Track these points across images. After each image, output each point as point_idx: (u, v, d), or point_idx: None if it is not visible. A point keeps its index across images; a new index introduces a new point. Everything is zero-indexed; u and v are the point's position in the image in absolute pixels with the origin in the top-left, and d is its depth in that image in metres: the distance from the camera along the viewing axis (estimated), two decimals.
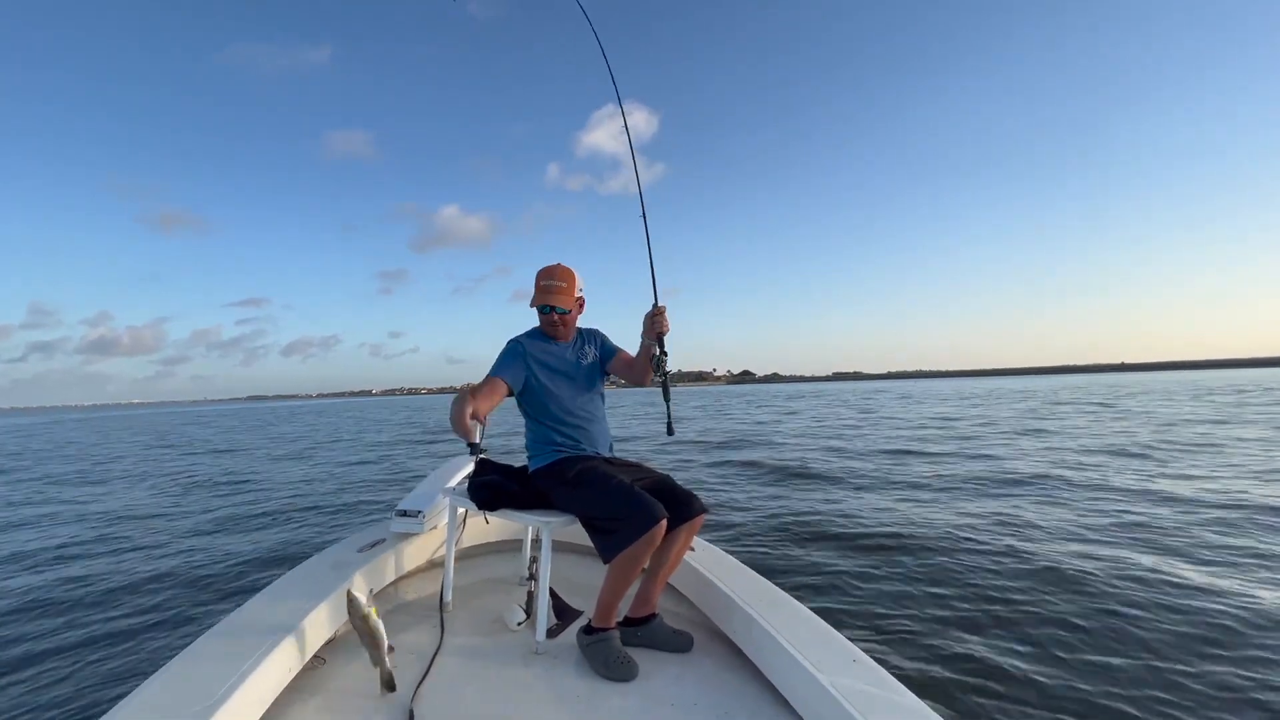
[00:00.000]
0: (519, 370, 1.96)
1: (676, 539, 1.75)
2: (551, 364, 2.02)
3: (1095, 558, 3.84)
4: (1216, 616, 2.91)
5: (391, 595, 2.22)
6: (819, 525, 5.01)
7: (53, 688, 2.66)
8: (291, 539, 5.36)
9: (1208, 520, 4.71)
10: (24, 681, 2.73)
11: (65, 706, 2.50)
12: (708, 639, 1.84)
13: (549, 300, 1.98)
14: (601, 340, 2.17)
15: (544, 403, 1.97)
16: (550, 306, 1.98)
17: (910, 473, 7.46)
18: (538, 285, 2.01)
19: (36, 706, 2.50)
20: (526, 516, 1.84)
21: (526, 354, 1.99)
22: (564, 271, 2.01)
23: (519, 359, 1.98)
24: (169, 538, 5.50)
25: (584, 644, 1.72)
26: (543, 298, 1.99)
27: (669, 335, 1.91)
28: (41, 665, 2.90)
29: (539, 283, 2.01)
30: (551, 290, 1.98)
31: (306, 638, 1.61)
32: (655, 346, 1.90)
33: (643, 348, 1.96)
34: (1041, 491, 6.07)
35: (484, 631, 1.92)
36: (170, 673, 1.34)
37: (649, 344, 1.92)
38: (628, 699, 1.53)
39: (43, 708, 2.49)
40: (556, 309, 1.98)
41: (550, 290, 1.98)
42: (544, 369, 2.00)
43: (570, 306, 2.01)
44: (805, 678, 1.37)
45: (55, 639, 3.21)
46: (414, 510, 2.34)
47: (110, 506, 7.33)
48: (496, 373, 1.93)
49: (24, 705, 2.52)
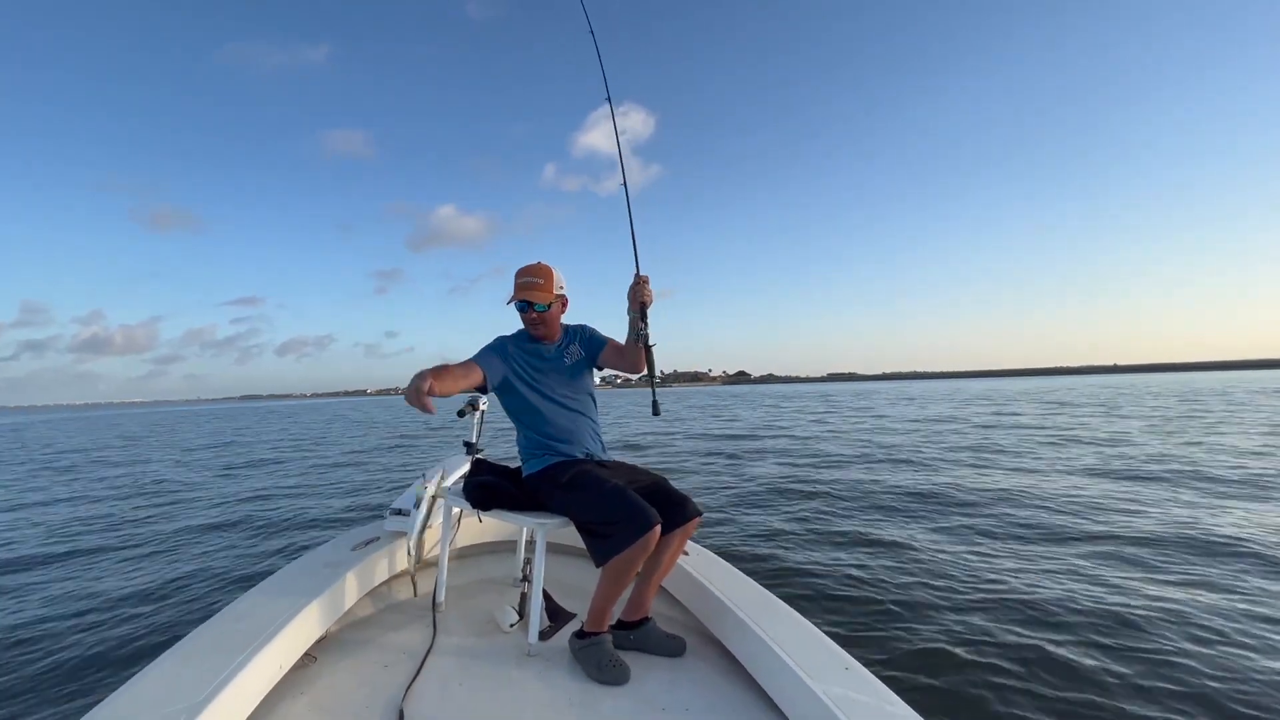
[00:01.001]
0: (498, 365, 1.94)
1: (670, 543, 1.74)
2: (537, 365, 2.00)
3: (1087, 565, 3.85)
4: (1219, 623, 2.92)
5: (384, 594, 2.21)
6: (813, 531, 5.01)
7: (41, 683, 2.65)
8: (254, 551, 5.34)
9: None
10: (10, 679, 2.71)
11: (54, 703, 2.48)
12: (701, 644, 1.84)
13: (526, 296, 1.95)
14: (590, 334, 2.12)
15: (531, 405, 1.95)
16: (528, 303, 1.95)
17: (905, 479, 7.46)
18: (515, 283, 1.99)
19: (25, 703, 2.49)
20: (521, 518, 1.83)
21: (509, 354, 1.97)
22: (542, 268, 1.97)
23: (500, 355, 1.96)
24: (159, 536, 5.48)
25: (576, 648, 1.71)
26: (520, 294, 1.96)
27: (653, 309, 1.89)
28: (28, 661, 2.88)
29: (516, 280, 1.99)
30: (529, 287, 1.94)
31: (298, 635, 1.61)
32: (639, 320, 1.87)
33: (630, 327, 1.92)
34: (1035, 500, 6.08)
35: (476, 632, 1.91)
36: (159, 669, 1.33)
37: (634, 317, 1.89)
38: (620, 702, 1.52)
39: (32, 704, 2.48)
40: (535, 305, 1.95)
41: (527, 287, 1.95)
42: (529, 370, 1.98)
43: (549, 303, 1.96)
44: (797, 684, 1.36)
45: (37, 638, 3.19)
46: (408, 509, 2.34)
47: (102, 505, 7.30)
48: (475, 359, 1.92)
49: (12, 702, 2.50)
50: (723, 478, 8.07)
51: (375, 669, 1.68)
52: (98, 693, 2.50)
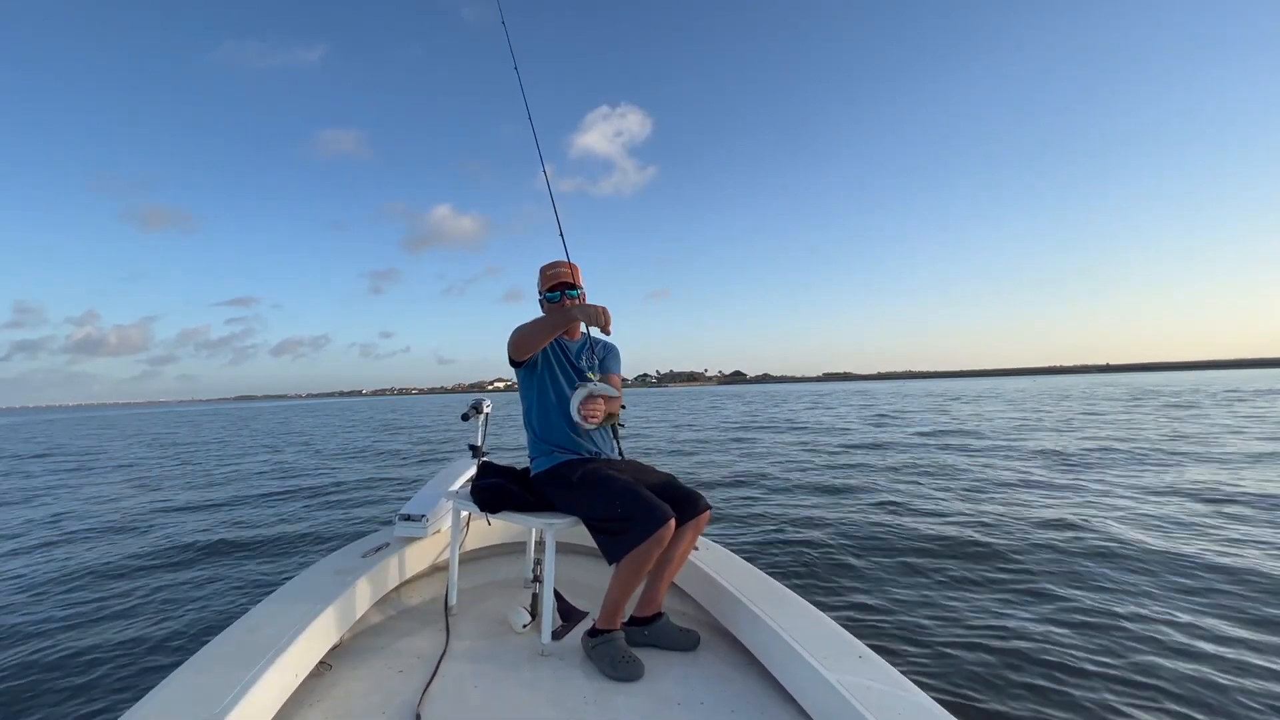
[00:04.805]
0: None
1: (682, 538, 1.74)
2: (559, 356, 2.03)
3: (1108, 551, 3.84)
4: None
5: (395, 600, 2.22)
6: (823, 522, 5.01)
7: (59, 698, 2.66)
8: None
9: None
10: (25, 694, 2.73)
11: (72, 716, 2.49)
12: (714, 637, 1.84)
13: (565, 279, 2.01)
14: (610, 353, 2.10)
15: (547, 394, 1.97)
16: (564, 288, 2.01)
17: (912, 470, 7.46)
18: (545, 274, 2.05)
19: (44, 717, 2.50)
20: (530, 518, 1.83)
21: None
22: (566, 262, 2.06)
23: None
24: (167, 546, 5.50)
25: (589, 646, 1.72)
26: (558, 280, 2.02)
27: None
28: (45, 676, 2.90)
29: (546, 272, 2.05)
30: (563, 276, 2.02)
31: (312, 644, 1.61)
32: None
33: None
34: (1053, 489, 6.08)
35: (489, 634, 1.92)
36: (177, 680, 1.34)
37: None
38: (634, 699, 1.52)
39: (50, 717, 2.49)
40: (568, 292, 2.01)
41: (562, 275, 2.02)
42: (554, 356, 2.01)
43: (581, 290, 2.04)
44: (812, 675, 1.36)
45: (59, 650, 3.21)
46: (417, 514, 2.34)
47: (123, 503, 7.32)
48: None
49: (27, 717, 2.51)
50: (727, 471, 8.08)
51: (390, 675, 1.68)
52: (117, 708, 2.51)
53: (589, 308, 1.71)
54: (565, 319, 1.79)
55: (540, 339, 1.86)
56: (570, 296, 2.01)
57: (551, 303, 2.03)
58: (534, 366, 1.99)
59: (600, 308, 1.69)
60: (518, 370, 2.00)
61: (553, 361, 2.01)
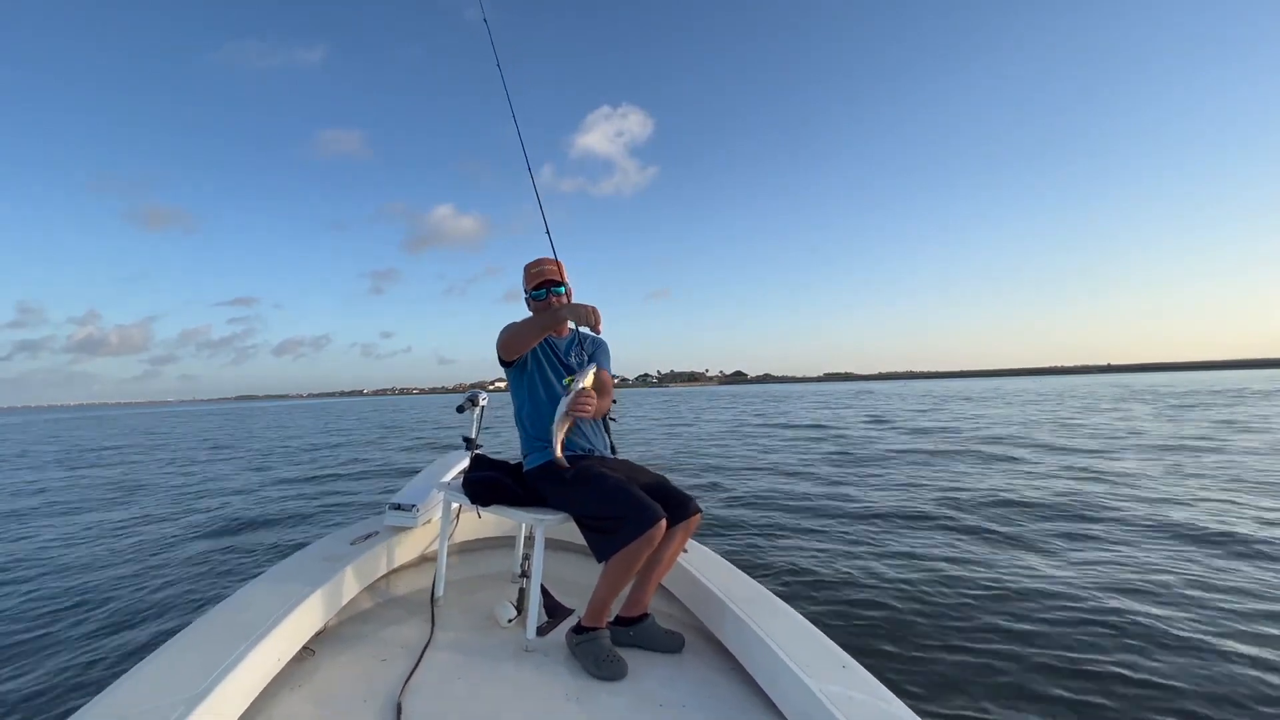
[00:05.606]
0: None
1: (672, 540, 1.74)
2: (548, 354, 2.03)
3: (1091, 566, 3.85)
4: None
5: (383, 588, 2.21)
6: (813, 530, 5.01)
7: (39, 676, 2.65)
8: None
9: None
10: (7, 671, 2.72)
11: (51, 693, 2.48)
12: (698, 641, 1.84)
13: (550, 278, 2.01)
14: (599, 348, 2.12)
15: (538, 392, 1.97)
16: (550, 285, 2.01)
17: (907, 480, 7.47)
18: (530, 272, 2.06)
19: (24, 695, 2.49)
20: (520, 513, 1.83)
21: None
22: (551, 259, 2.07)
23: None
24: (158, 532, 5.49)
25: (573, 643, 1.72)
26: (543, 278, 2.02)
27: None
28: (25, 654, 2.89)
29: (531, 270, 2.05)
30: (548, 272, 2.03)
31: (296, 629, 1.61)
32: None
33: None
34: (1041, 501, 6.08)
35: (474, 627, 1.91)
36: (158, 661, 1.33)
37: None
38: (617, 698, 1.52)
39: (30, 697, 2.48)
40: (554, 289, 2.01)
41: (547, 272, 2.03)
42: (543, 355, 2.01)
43: (567, 286, 2.04)
44: (795, 682, 1.36)
45: (40, 630, 3.20)
46: (408, 504, 2.34)
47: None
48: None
49: (10, 694, 2.50)
50: (718, 476, 8.08)
51: (373, 663, 1.68)
52: (96, 685, 2.50)
53: (578, 307, 1.69)
54: (554, 319, 1.78)
55: (529, 339, 1.86)
56: (556, 293, 2.01)
57: (537, 300, 2.03)
58: (524, 366, 1.99)
59: (589, 307, 1.68)
60: (508, 370, 2.01)
61: (542, 360, 2.01)
